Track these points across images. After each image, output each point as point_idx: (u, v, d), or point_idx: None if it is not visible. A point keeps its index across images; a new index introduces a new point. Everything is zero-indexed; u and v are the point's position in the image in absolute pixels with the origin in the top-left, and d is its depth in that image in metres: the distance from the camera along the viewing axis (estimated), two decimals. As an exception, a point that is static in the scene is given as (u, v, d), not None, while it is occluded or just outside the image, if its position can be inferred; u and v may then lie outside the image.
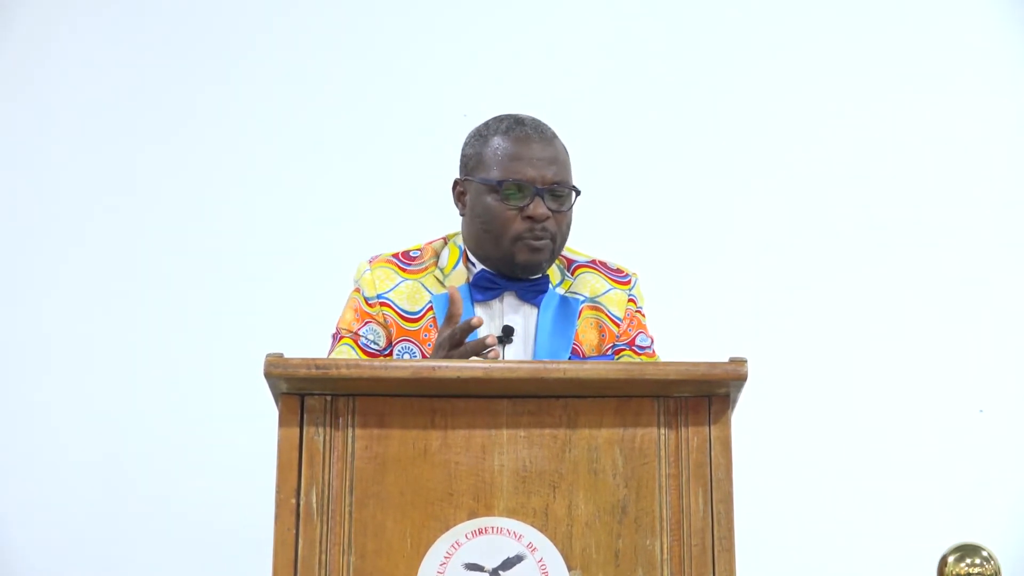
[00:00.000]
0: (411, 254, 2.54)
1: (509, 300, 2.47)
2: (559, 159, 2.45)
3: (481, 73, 3.87)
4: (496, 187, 2.42)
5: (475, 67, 3.89)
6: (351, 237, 3.75)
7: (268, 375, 1.80)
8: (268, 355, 1.80)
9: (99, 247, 3.77)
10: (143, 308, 3.74)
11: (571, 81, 3.85)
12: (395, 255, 2.53)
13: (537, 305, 2.47)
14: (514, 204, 2.41)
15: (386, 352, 2.44)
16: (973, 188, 3.83)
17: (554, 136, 2.49)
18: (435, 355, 2.26)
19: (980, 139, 3.85)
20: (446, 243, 2.55)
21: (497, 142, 2.46)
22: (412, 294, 2.47)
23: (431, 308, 2.45)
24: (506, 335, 2.42)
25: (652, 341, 2.54)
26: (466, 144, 2.53)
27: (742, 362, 1.82)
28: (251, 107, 3.86)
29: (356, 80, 3.89)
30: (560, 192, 2.43)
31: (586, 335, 2.48)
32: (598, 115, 3.84)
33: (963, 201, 3.82)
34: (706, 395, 1.84)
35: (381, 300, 2.46)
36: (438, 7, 3.94)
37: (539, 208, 2.40)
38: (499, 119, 2.51)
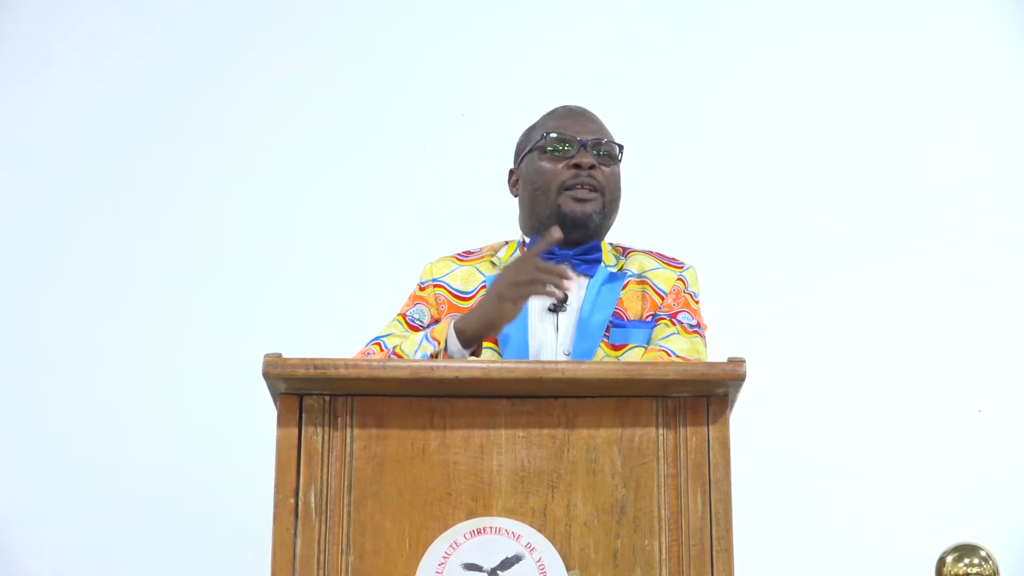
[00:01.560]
0: (471, 251, 2.61)
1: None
2: (602, 128, 2.57)
3: (480, 74, 3.88)
4: (541, 141, 2.51)
5: (474, 68, 3.89)
6: (352, 238, 3.76)
7: (266, 375, 1.80)
8: (266, 355, 1.80)
9: (100, 247, 3.77)
10: (143, 308, 3.74)
11: (570, 82, 3.84)
12: (457, 253, 2.60)
13: (590, 276, 2.50)
14: (560, 155, 2.48)
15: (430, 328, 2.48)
16: (973, 188, 3.82)
17: (597, 116, 2.60)
18: (502, 276, 2.27)
19: (980, 139, 3.85)
20: (507, 243, 2.61)
21: (542, 121, 2.58)
22: (466, 276, 2.52)
23: (484, 287, 2.48)
24: (560, 303, 2.45)
25: (701, 326, 2.53)
26: (519, 137, 2.63)
27: (740, 362, 1.82)
28: (251, 109, 3.86)
29: (356, 82, 3.89)
30: (605, 148, 2.51)
31: (631, 303, 2.49)
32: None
33: (963, 201, 3.82)
34: (705, 395, 1.84)
35: (435, 283, 2.52)
36: (437, 9, 3.94)
37: (584, 157, 2.47)
38: (549, 110, 2.62)
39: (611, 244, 2.60)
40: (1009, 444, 3.64)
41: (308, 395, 1.82)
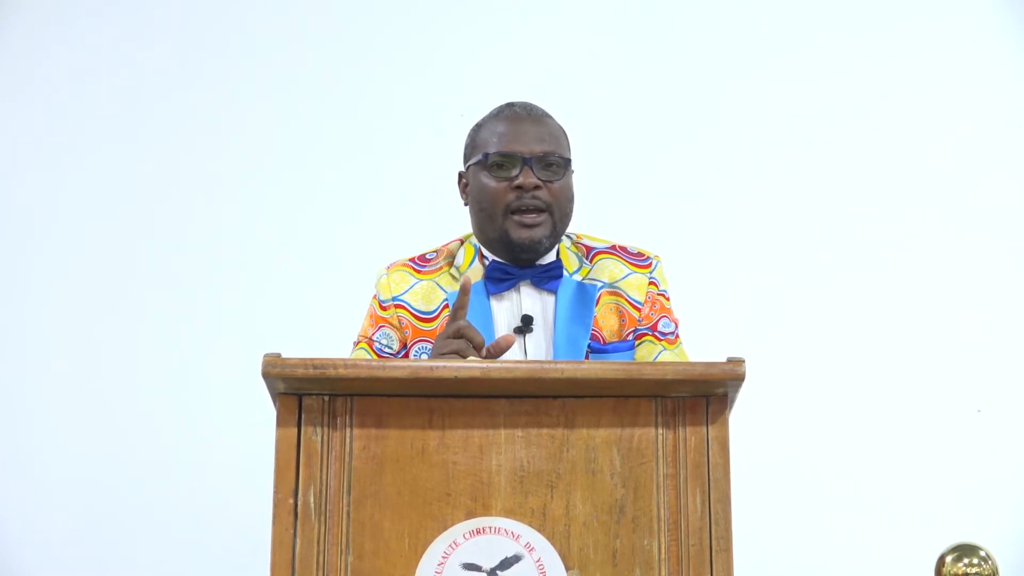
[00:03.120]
0: (427, 256, 2.54)
1: (525, 289, 2.47)
2: (550, 134, 2.47)
3: (479, 73, 3.88)
4: (485, 161, 2.44)
5: (473, 68, 3.89)
6: (350, 237, 3.76)
7: (266, 375, 1.79)
8: (266, 355, 1.79)
9: (100, 247, 3.78)
10: (143, 308, 3.74)
11: (569, 81, 3.85)
12: (411, 259, 2.54)
13: (553, 291, 2.46)
14: (502, 176, 2.42)
15: (400, 355, 2.44)
16: (971, 187, 3.83)
17: (545, 115, 2.51)
18: (436, 348, 2.23)
19: (976, 138, 3.85)
20: (462, 243, 2.55)
21: (488, 126, 2.50)
22: (427, 294, 2.47)
23: (446, 306, 2.44)
24: (525, 324, 2.42)
25: (676, 325, 2.52)
26: (466, 138, 2.56)
27: (740, 362, 1.81)
28: (250, 109, 3.87)
29: (355, 81, 3.90)
30: (551, 161, 2.43)
31: (606, 321, 2.46)
32: (596, 114, 3.85)
33: (961, 200, 3.82)
34: (704, 395, 1.84)
35: (396, 302, 2.47)
36: (436, 8, 3.94)
37: (528, 177, 2.41)
38: (493, 108, 2.54)
39: (570, 240, 2.55)
40: (1009, 444, 3.64)
41: (307, 395, 1.82)
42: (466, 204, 2.54)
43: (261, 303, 3.72)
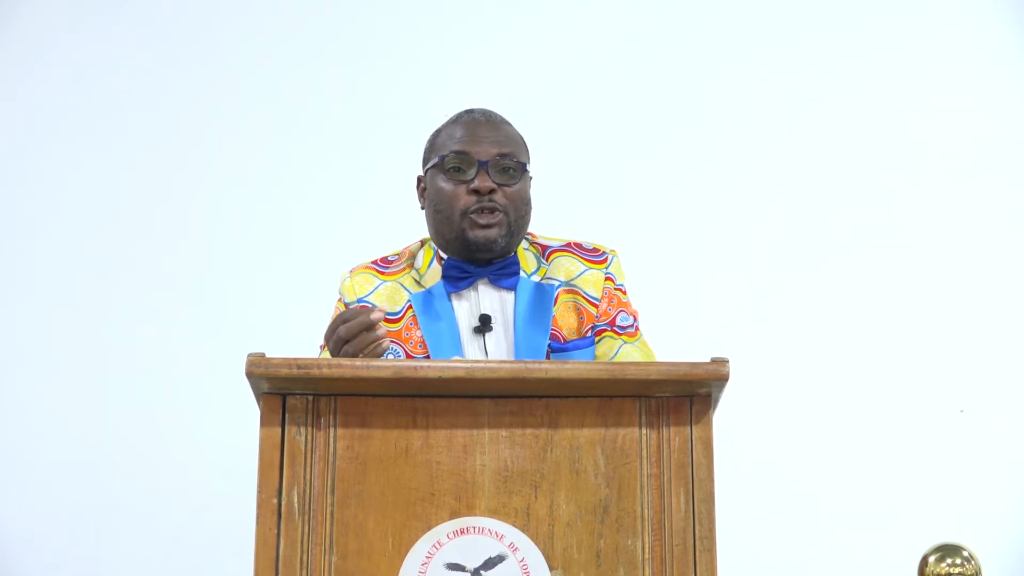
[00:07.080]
0: (389, 259, 2.56)
1: (483, 288, 2.48)
2: (507, 138, 2.49)
3: (469, 74, 3.88)
4: (441, 163, 2.46)
5: (463, 68, 3.90)
6: (341, 240, 3.75)
7: (250, 375, 1.79)
8: (250, 355, 1.79)
9: (93, 248, 3.78)
10: (129, 309, 3.74)
11: (558, 81, 3.86)
12: (374, 262, 2.55)
13: (511, 289, 2.47)
14: (459, 178, 2.44)
15: None
16: (955, 188, 3.84)
17: (503, 121, 2.53)
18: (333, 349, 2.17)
19: (962, 139, 3.86)
20: (423, 245, 2.57)
21: (446, 130, 2.52)
22: (392, 295, 2.48)
23: (411, 307, 2.45)
24: (484, 324, 2.43)
25: (635, 318, 2.52)
26: (425, 143, 2.58)
27: (723, 362, 1.82)
28: (241, 111, 3.87)
29: (344, 83, 3.90)
30: (507, 165, 2.45)
31: (565, 319, 2.46)
32: (586, 115, 3.85)
33: (945, 200, 3.83)
34: (688, 395, 1.84)
35: (361, 304, 2.47)
36: (424, 10, 3.94)
37: (484, 181, 2.42)
38: (452, 115, 2.56)
39: (527, 240, 2.56)
40: (991, 444, 3.65)
41: (291, 395, 1.82)
42: (423, 208, 2.56)
43: (249, 304, 3.72)
